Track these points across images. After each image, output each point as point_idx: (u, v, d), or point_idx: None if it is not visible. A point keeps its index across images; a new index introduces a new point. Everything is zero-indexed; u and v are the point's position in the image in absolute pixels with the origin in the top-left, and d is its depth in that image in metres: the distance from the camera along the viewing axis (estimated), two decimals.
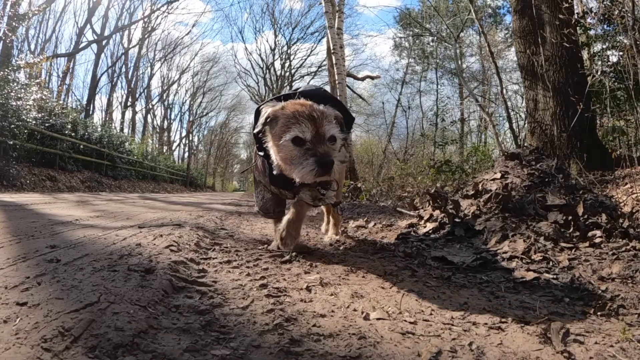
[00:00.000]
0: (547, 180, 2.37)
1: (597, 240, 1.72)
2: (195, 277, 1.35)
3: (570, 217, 1.92)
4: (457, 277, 1.41)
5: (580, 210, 1.95)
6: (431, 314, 0.99)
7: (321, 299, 1.11)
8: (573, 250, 1.66)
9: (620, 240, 1.74)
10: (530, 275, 1.38)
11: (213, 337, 0.83)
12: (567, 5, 4.49)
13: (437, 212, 2.44)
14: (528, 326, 0.91)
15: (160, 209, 5.59)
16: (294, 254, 1.73)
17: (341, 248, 2.03)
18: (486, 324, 0.92)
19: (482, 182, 2.53)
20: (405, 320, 0.94)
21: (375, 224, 2.79)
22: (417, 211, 2.76)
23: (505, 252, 1.68)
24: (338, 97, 7.37)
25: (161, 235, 2.30)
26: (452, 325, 0.91)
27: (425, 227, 2.23)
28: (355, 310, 1.01)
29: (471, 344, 0.79)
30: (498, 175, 2.47)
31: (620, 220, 1.92)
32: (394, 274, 1.42)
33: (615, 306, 1.08)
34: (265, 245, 2.00)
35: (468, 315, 0.98)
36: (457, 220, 2.16)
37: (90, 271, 1.31)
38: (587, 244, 1.72)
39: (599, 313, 1.05)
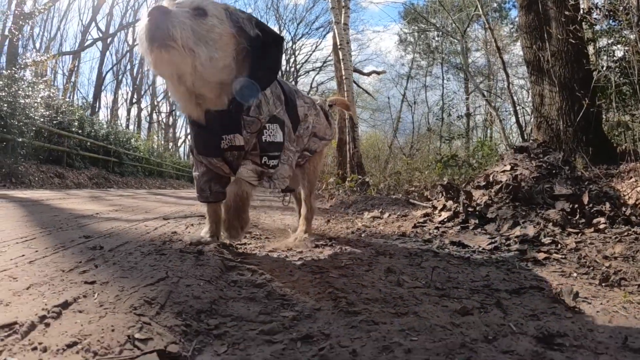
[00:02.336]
0: (554, 172, 2.53)
1: (602, 226, 1.88)
2: (240, 259, 1.52)
3: (576, 206, 2.09)
4: (475, 258, 1.58)
5: (585, 199, 2.12)
6: (458, 284, 1.16)
7: (358, 273, 1.28)
8: (579, 235, 1.83)
9: (623, 226, 1.90)
10: (542, 256, 1.55)
11: (277, 303, 0.98)
12: (573, 3, 4.61)
13: (449, 202, 2.60)
14: (543, 291, 1.08)
15: (173, 204, 5.76)
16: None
17: (362, 235, 2.20)
18: (507, 290, 1.09)
19: (492, 173, 2.69)
20: (437, 287, 1.11)
21: (389, 215, 2.96)
22: (430, 202, 2.93)
23: (517, 237, 1.85)
24: (345, 92, 7.52)
25: (192, 225, 2.48)
26: (478, 291, 1.09)
27: (440, 216, 2.40)
28: (391, 281, 1.18)
29: (497, 303, 0.96)
30: (508, 167, 2.64)
31: (623, 209, 2.08)
32: (418, 255, 1.59)
33: (617, 279, 1.25)
34: (293, 234, 2.11)
35: (490, 284, 1.15)
36: (470, 209, 2.33)
37: (141, 255, 1.45)
38: (592, 229, 1.88)
39: (603, 284, 1.21)
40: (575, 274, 1.33)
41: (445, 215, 2.36)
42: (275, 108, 1.54)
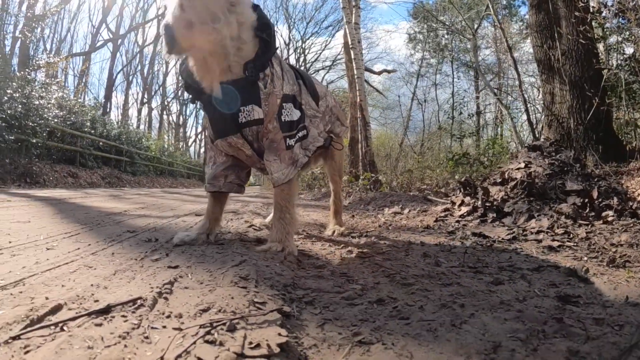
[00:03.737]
0: (566, 169, 2.74)
1: (610, 218, 2.11)
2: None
3: (586, 200, 2.31)
4: (497, 246, 1.81)
5: (595, 194, 2.34)
6: (487, 264, 1.39)
7: (399, 257, 1.51)
8: (589, 226, 2.05)
9: (629, 218, 2.12)
10: (556, 244, 1.77)
11: (343, 279, 1.20)
12: (582, 4, 4.79)
13: (467, 198, 2.83)
14: (559, 269, 1.31)
15: (194, 202, 6.02)
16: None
17: (389, 228, 2.44)
18: (528, 268, 1.32)
19: (507, 170, 2.91)
20: (470, 267, 1.34)
21: (409, 210, 3.19)
22: (448, 198, 3.16)
23: (533, 228, 2.07)
24: (357, 92, 7.73)
25: (232, 219, 2.72)
26: (504, 269, 1.32)
27: (459, 210, 2.63)
28: (429, 263, 1.42)
29: (522, 276, 1.20)
30: (522, 165, 2.85)
31: (630, 203, 2.30)
32: (445, 243, 1.83)
33: (622, 261, 1.47)
34: (330, 227, 2.30)
35: (514, 264, 1.38)
36: (487, 204, 2.55)
37: (201, 245, 1.63)
38: (600, 221, 2.10)
39: (610, 265, 1.44)
40: (585, 258, 1.56)
41: (464, 209, 2.59)
42: (287, 83, 1.58)
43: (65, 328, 0.72)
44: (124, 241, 1.71)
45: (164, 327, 0.71)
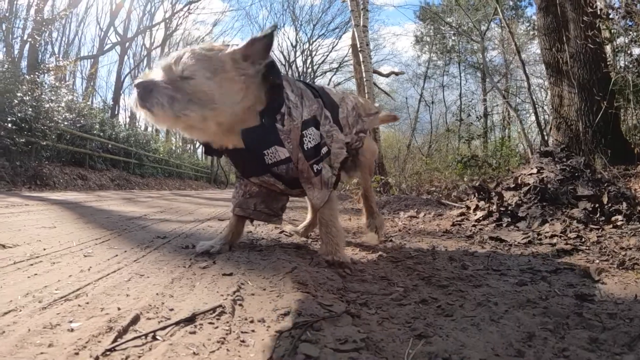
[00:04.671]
0: (576, 174, 2.90)
1: (619, 223, 2.27)
2: None
3: (597, 205, 2.47)
4: (514, 250, 1.98)
5: (605, 199, 2.50)
6: (509, 267, 1.56)
7: (428, 261, 1.68)
8: (600, 230, 2.22)
9: (638, 223, 2.29)
10: (569, 247, 1.94)
11: (385, 282, 1.33)
12: (591, 10, 4.93)
13: (482, 202, 3.00)
14: (574, 271, 1.48)
15: (208, 205, 6.20)
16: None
17: (410, 232, 2.61)
18: (547, 270, 1.50)
19: (520, 176, 3.08)
20: (494, 269, 1.51)
21: (425, 214, 3.37)
22: (462, 202, 3.33)
23: (547, 232, 2.24)
24: (366, 94, 7.90)
25: (259, 224, 2.89)
26: (525, 271, 1.49)
27: (475, 215, 2.80)
28: (456, 266, 1.59)
29: (542, 278, 1.37)
30: (535, 170, 3.02)
31: (638, 208, 2.46)
32: (466, 247, 2.00)
33: (631, 264, 1.64)
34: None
35: (533, 267, 1.55)
36: (502, 209, 2.72)
37: (241, 251, 1.78)
38: (610, 226, 2.27)
39: (620, 267, 1.61)
40: (597, 261, 1.72)
41: (480, 214, 2.76)
42: (304, 108, 1.58)
43: (158, 337, 0.79)
44: (159, 248, 1.82)
45: (253, 331, 0.84)
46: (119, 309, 0.95)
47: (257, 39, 1.37)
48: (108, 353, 0.71)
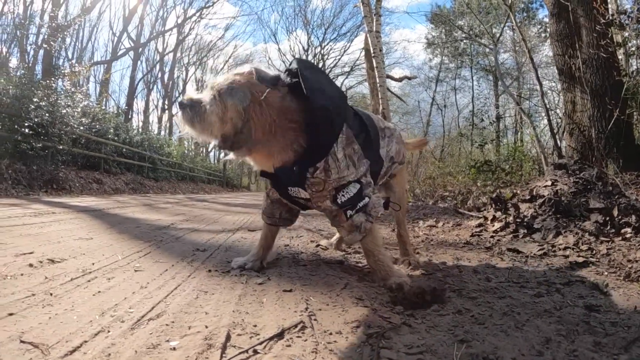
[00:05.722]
0: (589, 187, 3.14)
1: (628, 235, 2.51)
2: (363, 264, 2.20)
3: (607, 218, 2.72)
4: (531, 262, 2.24)
5: (615, 212, 2.74)
6: (527, 279, 1.83)
7: (455, 274, 1.95)
8: (610, 242, 2.46)
9: None
10: (581, 259, 2.19)
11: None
12: (604, 21, 5.12)
13: (498, 213, 3.25)
14: (584, 283, 1.74)
15: (228, 212, 6.47)
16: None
17: (432, 243, 2.88)
18: (560, 282, 1.75)
19: (535, 187, 3.32)
20: (514, 282, 1.78)
21: (444, 224, 3.62)
22: (479, 212, 3.58)
23: (560, 244, 2.49)
24: (379, 99, 8.15)
25: (294, 237, 3.15)
26: (542, 283, 1.75)
27: (493, 226, 3.05)
28: (480, 279, 1.85)
29: (557, 290, 1.63)
30: (549, 183, 3.26)
31: None
32: (487, 260, 2.26)
33: (636, 276, 1.89)
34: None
35: (548, 279, 1.81)
36: (518, 220, 2.97)
37: (287, 265, 2.05)
38: (620, 238, 2.51)
39: (626, 279, 1.86)
40: (606, 273, 1.98)
41: (497, 225, 3.01)
42: (349, 173, 1.59)
43: (259, 351, 0.93)
44: (205, 262, 1.98)
45: (335, 341, 1.06)
46: (206, 327, 1.08)
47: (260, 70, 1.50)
48: None
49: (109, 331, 1.05)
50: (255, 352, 0.94)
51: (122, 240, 2.61)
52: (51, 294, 1.35)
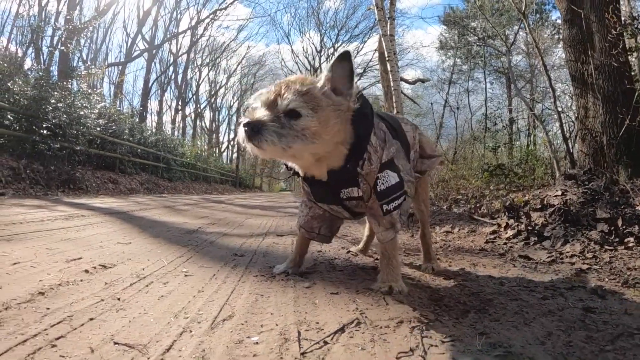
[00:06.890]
0: (596, 197, 3.44)
1: (630, 244, 2.81)
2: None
3: (612, 228, 3.02)
4: (540, 268, 2.55)
5: (620, 222, 3.04)
6: (536, 284, 2.15)
7: (473, 278, 2.27)
8: (613, 251, 2.77)
9: None
10: (585, 267, 2.51)
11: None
12: (615, 32, 5.36)
13: (511, 220, 3.57)
14: (585, 288, 2.06)
15: (247, 214, 6.80)
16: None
17: (449, 249, 3.20)
18: (564, 287, 2.08)
19: (546, 197, 3.63)
20: (524, 286, 2.10)
21: (459, 230, 3.94)
22: (492, 219, 3.89)
23: (567, 252, 2.80)
24: (394, 103, 8.44)
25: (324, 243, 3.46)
26: (548, 288, 2.07)
27: (506, 233, 3.37)
28: (495, 283, 2.18)
29: (561, 294, 1.96)
30: (559, 193, 3.56)
31: None
32: (501, 265, 2.59)
33: (633, 282, 2.20)
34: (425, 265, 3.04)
35: (554, 284, 2.13)
36: (529, 228, 3.28)
37: (327, 271, 2.45)
38: (623, 247, 2.82)
39: (624, 285, 2.17)
40: (606, 279, 2.29)
41: (510, 233, 3.33)
42: (385, 151, 1.74)
43: (328, 342, 1.14)
44: (249, 266, 2.19)
45: (386, 333, 1.37)
46: (277, 324, 1.24)
47: (335, 64, 1.55)
48: (305, 354, 1.03)
49: (191, 331, 1.17)
50: (326, 342, 1.15)
51: (160, 244, 2.77)
52: (118, 299, 1.47)
